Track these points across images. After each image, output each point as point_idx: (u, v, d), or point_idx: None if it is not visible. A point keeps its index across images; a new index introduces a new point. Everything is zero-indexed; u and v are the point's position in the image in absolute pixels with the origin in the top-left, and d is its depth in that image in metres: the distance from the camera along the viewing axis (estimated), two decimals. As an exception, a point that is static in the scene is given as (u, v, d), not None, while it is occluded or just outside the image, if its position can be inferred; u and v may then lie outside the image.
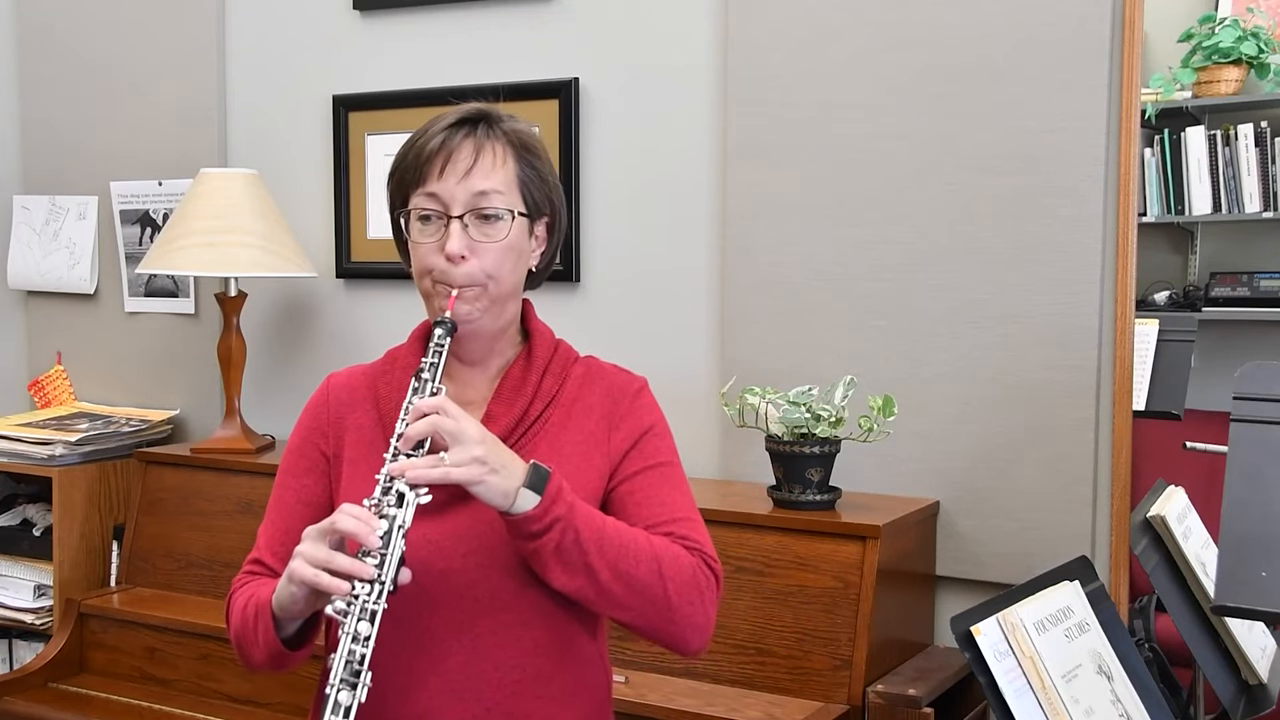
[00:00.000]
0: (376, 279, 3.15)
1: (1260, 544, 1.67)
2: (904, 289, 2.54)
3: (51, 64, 3.58)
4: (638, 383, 1.66)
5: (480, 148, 1.55)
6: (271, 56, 3.27)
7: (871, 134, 2.56)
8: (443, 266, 1.53)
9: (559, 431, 1.59)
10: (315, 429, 1.66)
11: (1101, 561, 2.36)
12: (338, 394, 1.68)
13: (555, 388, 1.61)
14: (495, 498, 1.41)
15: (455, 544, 1.52)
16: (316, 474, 1.63)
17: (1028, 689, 1.76)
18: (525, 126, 1.61)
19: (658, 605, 1.48)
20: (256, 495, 2.92)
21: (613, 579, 1.45)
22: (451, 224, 1.53)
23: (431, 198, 1.54)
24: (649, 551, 1.48)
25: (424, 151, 1.56)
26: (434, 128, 1.58)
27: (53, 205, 3.60)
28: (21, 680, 2.82)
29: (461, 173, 1.53)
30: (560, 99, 2.86)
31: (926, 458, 2.53)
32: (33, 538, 3.19)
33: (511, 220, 1.55)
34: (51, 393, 3.59)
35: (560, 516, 1.43)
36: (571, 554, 1.44)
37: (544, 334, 1.66)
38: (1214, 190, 2.55)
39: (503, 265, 1.55)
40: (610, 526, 1.48)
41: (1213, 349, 2.53)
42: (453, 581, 1.51)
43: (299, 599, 1.44)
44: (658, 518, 1.54)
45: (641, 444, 1.60)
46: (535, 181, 1.59)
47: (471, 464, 1.40)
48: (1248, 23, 2.52)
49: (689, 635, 1.51)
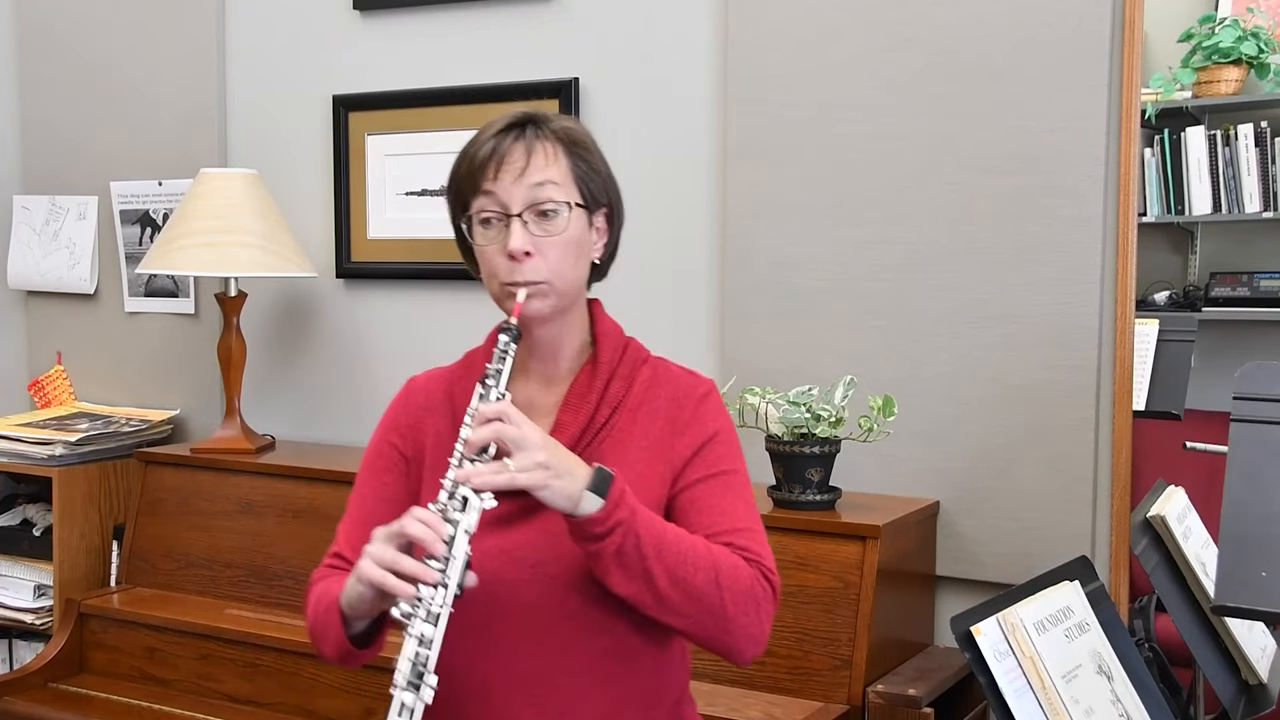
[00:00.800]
0: (376, 279, 3.15)
1: (1260, 544, 1.68)
2: (904, 289, 2.55)
3: (51, 64, 3.58)
4: (704, 386, 1.66)
5: (531, 148, 1.57)
6: (271, 56, 3.27)
7: (871, 134, 2.56)
8: (508, 266, 1.55)
9: (624, 437, 1.60)
10: (394, 430, 1.70)
11: (1101, 561, 2.36)
12: (416, 398, 1.71)
13: (622, 392, 1.62)
14: (559, 501, 1.43)
15: (525, 554, 1.54)
16: (395, 472, 1.67)
17: (1028, 689, 1.76)
18: (573, 123, 1.64)
19: (714, 614, 1.49)
20: (256, 495, 2.93)
21: (670, 585, 1.46)
22: (512, 223, 1.55)
23: (490, 197, 1.56)
24: (708, 560, 1.49)
25: (477, 158, 1.58)
26: (483, 135, 1.60)
27: (53, 205, 3.60)
28: (21, 680, 2.82)
29: (516, 173, 1.55)
30: (560, 99, 2.86)
31: (926, 458, 2.53)
32: (33, 538, 3.19)
33: (569, 213, 1.57)
34: (51, 393, 3.59)
35: (622, 520, 1.44)
36: (631, 558, 1.45)
37: (612, 335, 1.67)
38: (1214, 190, 2.55)
39: (566, 259, 1.57)
40: (670, 533, 1.49)
41: (1213, 349, 2.53)
42: (522, 591, 1.53)
43: (366, 599, 1.46)
44: (718, 527, 1.55)
45: (705, 451, 1.60)
46: (589, 174, 1.61)
47: (535, 469, 1.42)
48: (1248, 23, 2.52)
49: (743, 645, 1.53)
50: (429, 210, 3.04)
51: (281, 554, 2.85)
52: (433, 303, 3.09)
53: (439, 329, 3.08)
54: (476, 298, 3.02)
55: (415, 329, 3.11)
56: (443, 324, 3.07)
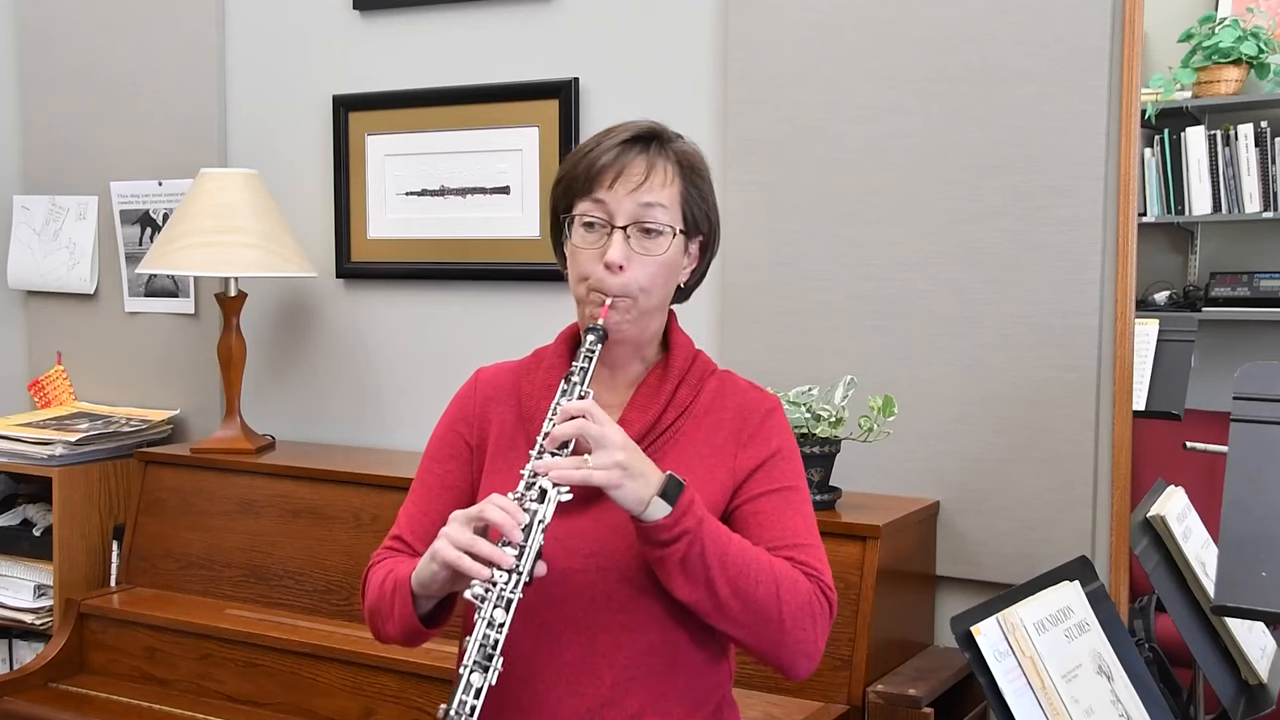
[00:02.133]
0: (376, 279, 3.15)
1: (1260, 544, 1.68)
2: (904, 289, 2.54)
3: (51, 64, 3.57)
4: (770, 402, 1.68)
5: (653, 165, 1.59)
6: (271, 56, 3.27)
7: (871, 134, 2.56)
8: (600, 274, 1.57)
9: (688, 442, 1.62)
10: (461, 419, 1.71)
11: (1101, 561, 2.36)
12: (484, 389, 1.73)
13: (689, 398, 1.65)
14: (630, 503, 1.46)
15: (579, 544, 1.56)
16: (460, 461, 1.69)
17: (1028, 689, 1.76)
18: (693, 147, 1.66)
19: (771, 627, 1.51)
20: (256, 495, 2.93)
21: (731, 595, 1.48)
22: (615, 233, 1.57)
23: (599, 204, 1.58)
24: (769, 573, 1.51)
25: (596, 163, 1.59)
26: (607, 142, 1.61)
27: (53, 205, 3.60)
28: (21, 680, 2.82)
29: (632, 186, 1.57)
30: (560, 99, 2.86)
31: (926, 458, 2.53)
32: (33, 538, 3.19)
33: (673, 237, 1.59)
34: (51, 393, 3.59)
35: (689, 529, 1.46)
36: (695, 566, 1.47)
37: (684, 345, 1.69)
38: (1214, 190, 2.55)
39: (656, 279, 1.59)
40: (735, 544, 1.51)
41: (1213, 349, 2.53)
42: (573, 580, 1.55)
43: (439, 578, 1.49)
44: (780, 541, 1.57)
45: (768, 466, 1.62)
46: (697, 201, 1.63)
47: (613, 469, 1.44)
48: (1248, 23, 2.52)
49: (797, 660, 1.54)
50: (429, 210, 3.04)
51: (281, 554, 2.85)
52: (433, 303, 3.09)
53: (439, 329, 3.08)
54: (477, 298, 3.04)
55: (415, 329, 3.11)
56: (443, 324, 3.08)
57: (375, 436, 3.16)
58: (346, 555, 2.76)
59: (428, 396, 2.83)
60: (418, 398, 3.08)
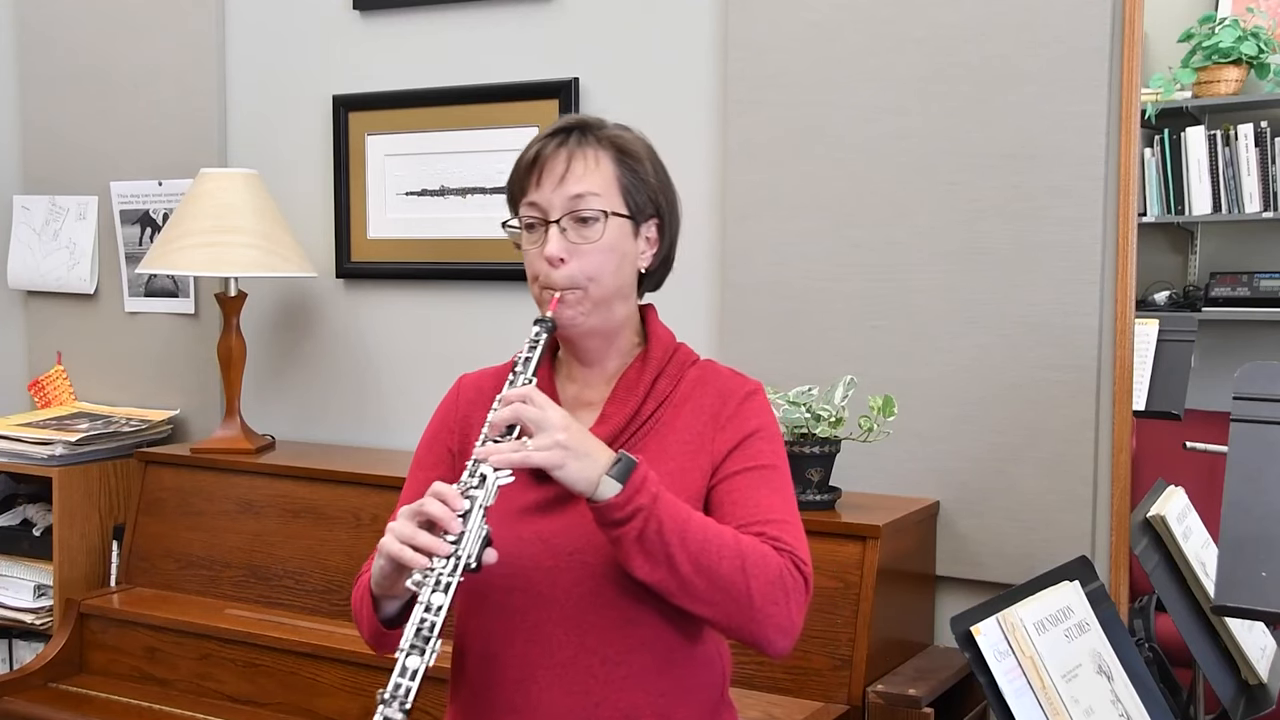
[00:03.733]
0: (376, 279, 3.15)
1: (1260, 544, 1.68)
2: (904, 289, 2.54)
3: (51, 64, 3.57)
4: (750, 385, 1.67)
5: (573, 155, 1.60)
6: (271, 56, 3.27)
7: (871, 134, 2.56)
8: (545, 270, 1.60)
9: (668, 431, 1.62)
10: (443, 426, 1.73)
11: (1101, 561, 2.36)
12: (466, 393, 1.75)
13: (669, 389, 1.65)
14: (578, 483, 1.45)
15: (563, 542, 1.56)
16: (443, 467, 1.69)
17: (1028, 689, 1.76)
18: (627, 132, 1.67)
19: (739, 603, 1.49)
20: (256, 495, 2.93)
21: (694, 572, 1.47)
22: (550, 229, 1.59)
23: (532, 206, 1.61)
24: (734, 548, 1.49)
25: (522, 164, 1.64)
26: (534, 140, 1.65)
27: (53, 205, 3.60)
28: (21, 680, 2.82)
29: (556, 180, 1.59)
30: (560, 99, 2.86)
31: (926, 458, 2.53)
32: (33, 538, 3.19)
33: (606, 221, 1.59)
34: (51, 393, 3.59)
35: (643, 505, 1.45)
36: (654, 544, 1.46)
37: (662, 337, 1.69)
38: (1214, 190, 2.55)
39: (603, 267, 1.60)
40: (695, 520, 1.50)
41: (1213, 349, 2.53)
42: (560, 578, 1.55)
43: (388, 573, 1.50)
44: (751, 518, 1.55)
45: (745, 445, 1.61)
46: (636, 184, 1.63)
47: (553, 448, 1.44)
48: (1248, 23, 2.52)
49: (771, 635, 1.52)
50: (429, 210, 3.04)
51: (281, 554, 2.85)
52: (433, 303, 3.09)
53: (439, 329, 3.08)
54: (476, 298, 3.04)
55: (415, 329, 3.11)
56: (443, 324, 3.08)
57: (375, 436, 3.16)
58: (346, 555, 2.76)
59: (428, 396, 2.81)
60: (418, 398, 3.07)
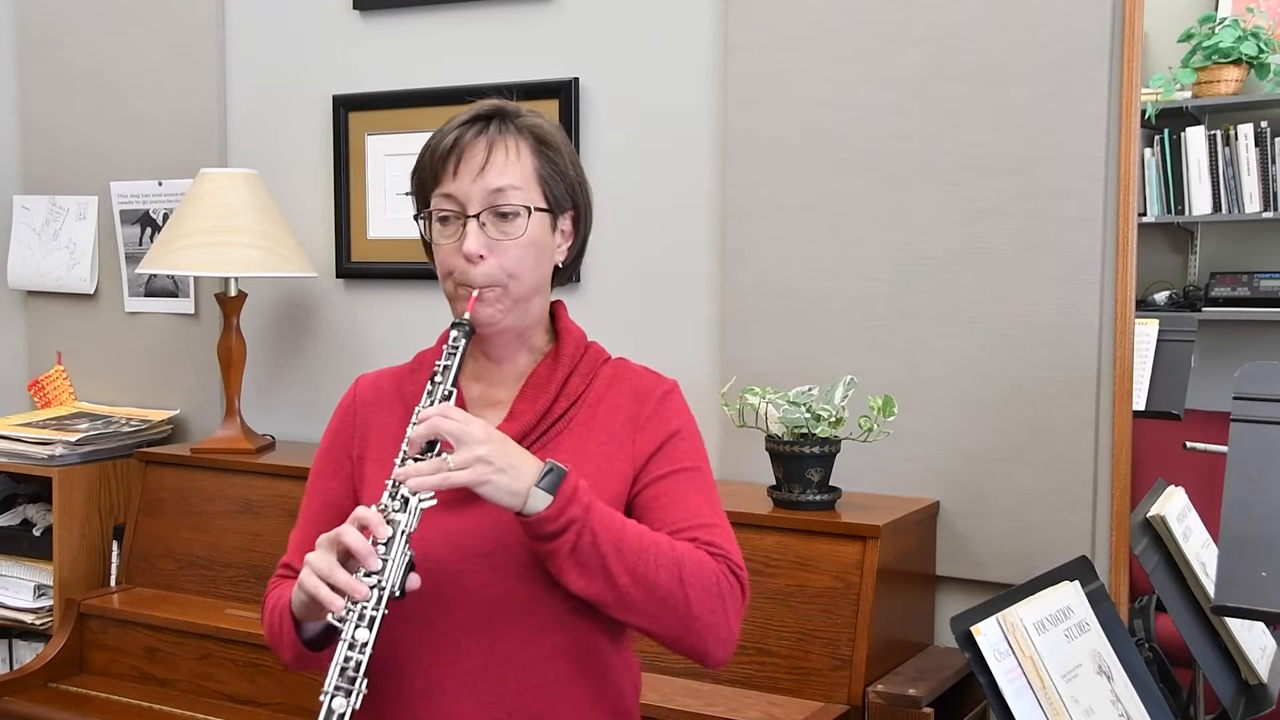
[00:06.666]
0: (376, 279, 3.15)
1: (1260, 544, 1.68)
2: (904, 289, 2.54)
3: (51, 64, 3.57)
4: (666, 384, 1.62)
5: (493, 144, 1.53)
6: (271, 56, 3.27)
7: (871, 134, 2.56)
8: (462, 267, 1.52)
9: (583, 431, 1.56)
10: (341, 432, 1.67)
11: (1101, 561, 2.36)
12: (364, 395, 1.68)
13: (581, 387, 1.59)
14: (504, 498, 1.39)
15: (473, 543, 1.49)
16: (342, 477, 1.63)
17: (1028, 689, 1.76)
18: (543, 120, 1.60)
19: (678, 613, 1.44)
20: (256, 495, 2.92)
21: (631, 584, 1.41)
22: (469, 223, 1.52)
23: (448, 198, 1.53)
24: (670, 556, 1.44)
25: (438, 151, 1.54)
26: (448, 126, 1.56)
27: (53, 205, 3.60)
28: (21, 680, 2.82)
29: (476, 171, 1.51)
30: (560, 99, 2.86)
31: (926, 458, 2.53)
32: (33, 538, 3.19)
33: (529, 216, 1.53)
34: (51, 393, 3.59)
35: (576, 518, 1.39)
36: (588, 557, 1.40)
37: (573, 333, 1.64)
38: (1214, 190, 2.55)
39: (523, 263, 1.53)
40: (630, 530, 1.44)
41: (1213, 349, 2.53)
42: (468, 582, 1.49)
43: (308, 605, 1.43)
44: (682, 523, 1.50)
45: (667, 447, 1.56)
46: (554, 176, 1.57)
47: (476, 464, 1.37)
48: (1248, 23, 2.52)
49: (710, 645, 1.47)
50: (429, 210, 3.04)
51: (281, 554, 2.85)
52: (433, 303, 3.07)
53: (439, 329, 3.07)
54: (476, 298, 3.04)
55: (415, 329, 3.10)
56: (442, 324, 3.06)
57: (375, 436, 3.16)
58: (346, 555, 2.76)
59: (428, 396, 2.83)
60: (418, 398, 3.08)
